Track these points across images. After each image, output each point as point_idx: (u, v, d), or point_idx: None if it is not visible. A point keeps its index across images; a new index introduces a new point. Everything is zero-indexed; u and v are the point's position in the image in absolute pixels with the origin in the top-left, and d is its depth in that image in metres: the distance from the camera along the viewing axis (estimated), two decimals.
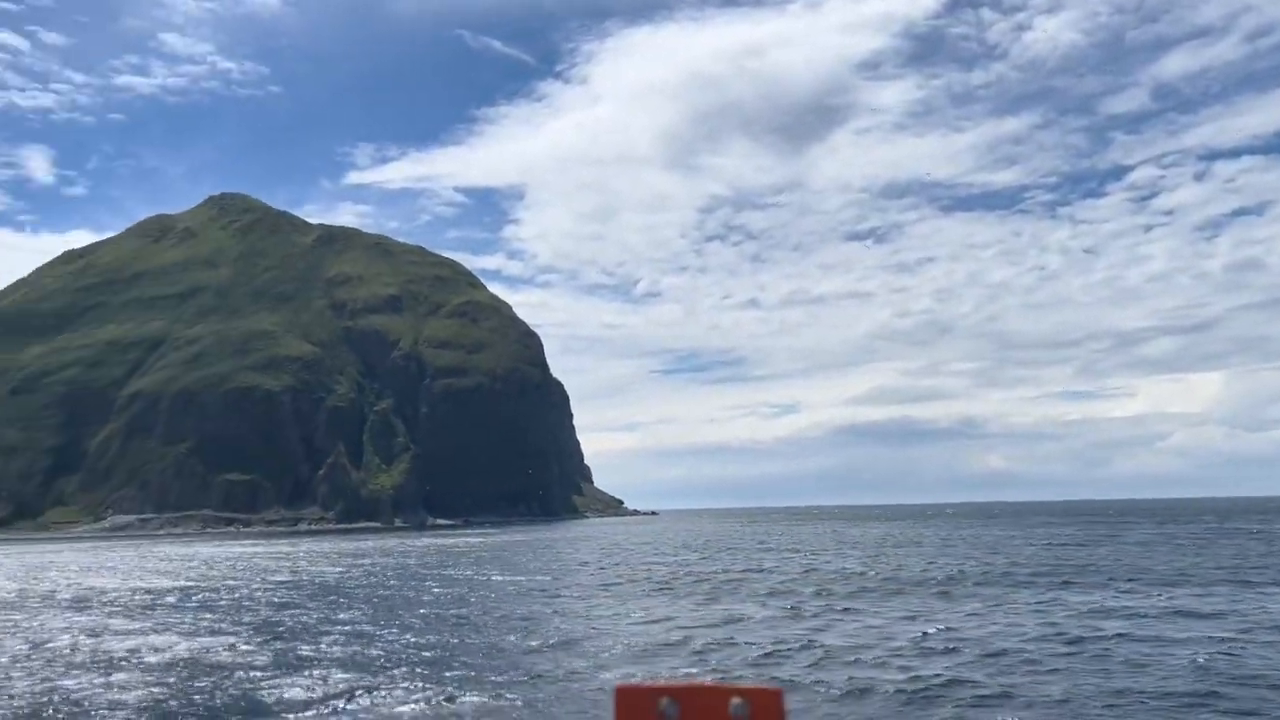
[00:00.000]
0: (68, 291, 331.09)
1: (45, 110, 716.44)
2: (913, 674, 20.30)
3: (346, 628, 28.86)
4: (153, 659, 23.43)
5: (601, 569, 51.05)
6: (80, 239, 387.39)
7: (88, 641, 27.18)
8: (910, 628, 26.96)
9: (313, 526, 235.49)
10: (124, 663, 22.94)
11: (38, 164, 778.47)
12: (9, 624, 32.16)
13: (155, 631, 28.95)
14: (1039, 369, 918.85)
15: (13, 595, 44.03)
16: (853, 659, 22.34)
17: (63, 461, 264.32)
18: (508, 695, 18.66)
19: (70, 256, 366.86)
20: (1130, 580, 39.90)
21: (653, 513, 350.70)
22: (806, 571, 46.33)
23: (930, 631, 26.02)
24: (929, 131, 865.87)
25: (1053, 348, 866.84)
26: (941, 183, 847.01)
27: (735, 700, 2.09)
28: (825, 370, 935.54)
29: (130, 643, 26.51)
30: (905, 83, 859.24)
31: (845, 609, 31.61)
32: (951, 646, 23.70)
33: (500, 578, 44.80)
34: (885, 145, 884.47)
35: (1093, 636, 24.71)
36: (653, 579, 42.07)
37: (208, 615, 33.06)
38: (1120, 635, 24.60)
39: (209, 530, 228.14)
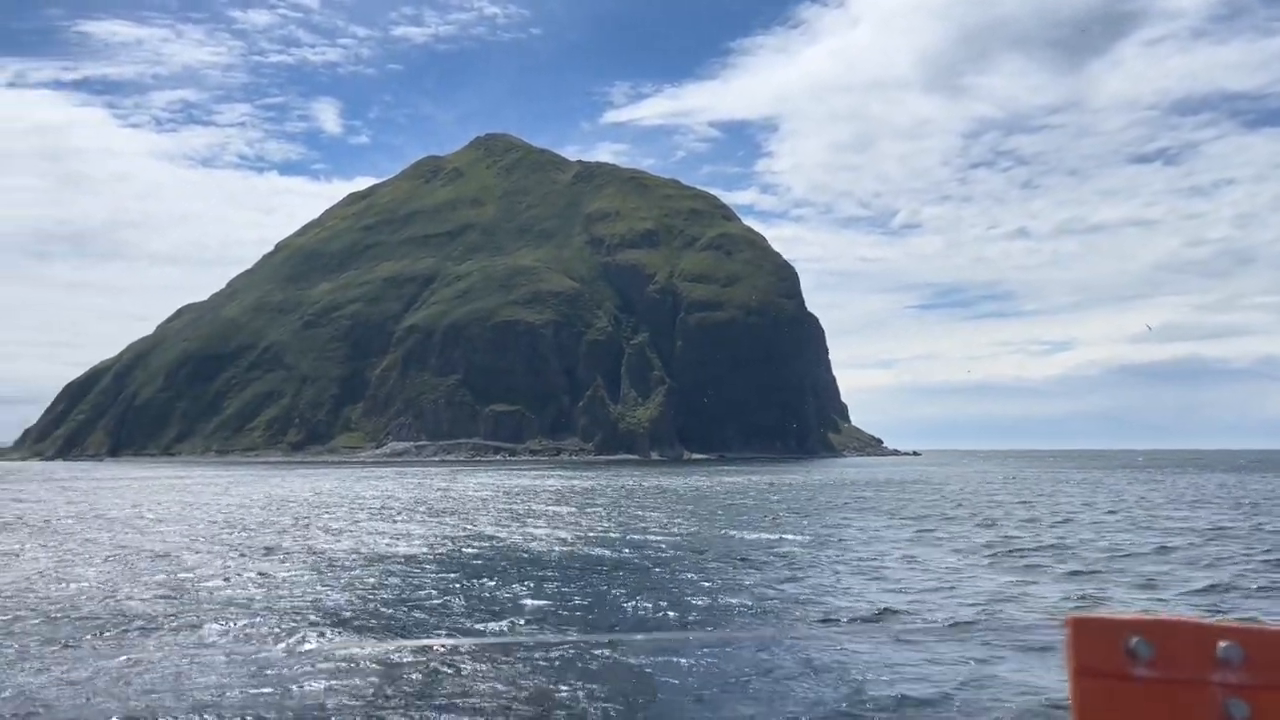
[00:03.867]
0: (351, 231, 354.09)
1: (333, 64, 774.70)
2: None
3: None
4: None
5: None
6: (365, 184, 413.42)
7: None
8: None
9: (573, 457, 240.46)
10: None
11: (328, 116, 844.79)
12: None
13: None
14: None
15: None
16: None
17: (348, 390, 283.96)
18: None
19: (353, 199, 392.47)
20: None
21: (915, 453, 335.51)
22: None
23: None
24: (1233, 37, 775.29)
25: None
26: (1246, 94, 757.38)
27: (1224, 643, 1.74)
28: (1103, 304, 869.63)
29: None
30: None
31: None
32: None
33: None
34: (1180, 55, 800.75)
35: None
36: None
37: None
38: None
39: (478, 458, 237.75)
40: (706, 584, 23.95)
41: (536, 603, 21.31)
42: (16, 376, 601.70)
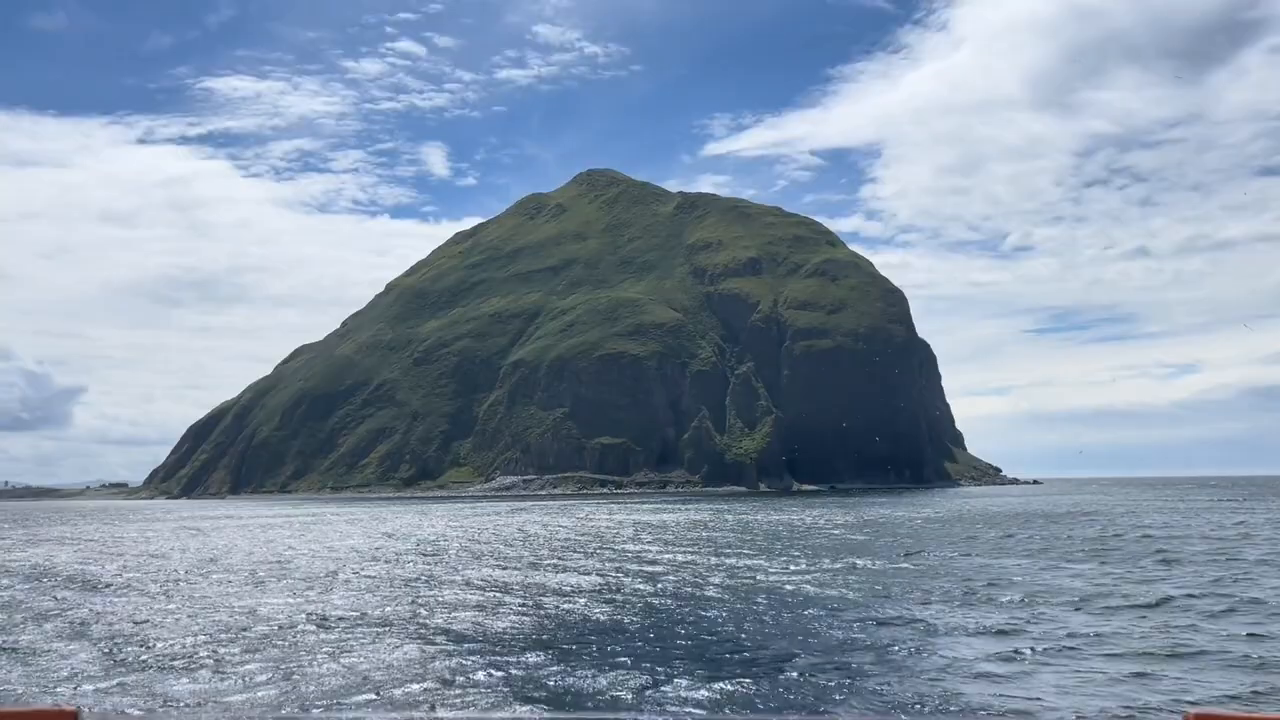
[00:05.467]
0: (458, 270, 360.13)
1: (440, 109, 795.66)
2: None
3: None
4: None
5: None
6: (471, 225, 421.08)
7: None
8: None
9: (679, 489, 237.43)
10: None
11: (436, 160, 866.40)
12: None
13: None
14: None
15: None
16: None
17: (457, 426, 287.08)
18: None
19: (460, 238, 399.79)
20: None
21: (1035, 481, 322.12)
22: None
23: None
24: None
25: None
26: None
27: None
28: (1232, 325, 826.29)
29: None
30: None
31: None
32: None
33: None
34: None
35: None
36: None
37: None
38: None
39: (584, 491, 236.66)
40: (887, 675, 20.35)
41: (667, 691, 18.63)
42: (149, 419, 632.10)
